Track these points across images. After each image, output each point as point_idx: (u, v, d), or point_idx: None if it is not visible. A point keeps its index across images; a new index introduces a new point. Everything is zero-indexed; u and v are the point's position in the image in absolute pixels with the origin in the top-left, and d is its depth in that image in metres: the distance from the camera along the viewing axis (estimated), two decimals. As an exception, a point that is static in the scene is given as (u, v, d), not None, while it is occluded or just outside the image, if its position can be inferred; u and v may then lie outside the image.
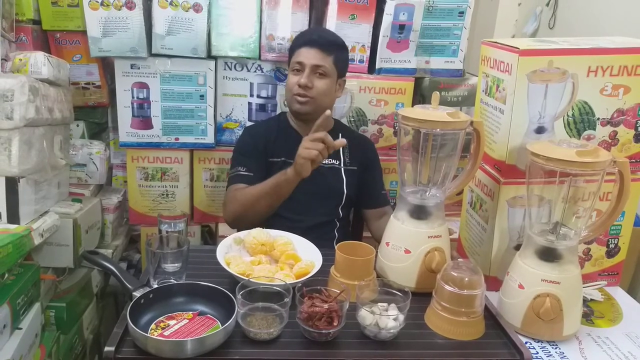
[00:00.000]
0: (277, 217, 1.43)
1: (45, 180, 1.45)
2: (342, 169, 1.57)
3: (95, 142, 1.81)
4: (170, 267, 1.11)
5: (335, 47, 1.53)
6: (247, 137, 1.61)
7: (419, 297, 1.08)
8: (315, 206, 1.52)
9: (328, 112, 1.33)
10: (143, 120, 1.75)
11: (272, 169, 1.53)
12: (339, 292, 1.01)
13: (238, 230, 1.34)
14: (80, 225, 1.55)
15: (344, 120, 1.78)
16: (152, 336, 0.90)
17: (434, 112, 1.12)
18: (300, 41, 1.54)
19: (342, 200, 1.57)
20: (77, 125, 1.87)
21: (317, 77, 1.50)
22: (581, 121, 1.19)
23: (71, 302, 1.54)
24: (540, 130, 1.18)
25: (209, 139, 1.78)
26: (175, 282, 1.10)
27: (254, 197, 1.41)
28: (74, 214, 1.54)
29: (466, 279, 1.03)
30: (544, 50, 1.14)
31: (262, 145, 1.54)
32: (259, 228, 1.25)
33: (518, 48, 1.13)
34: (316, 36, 1.52)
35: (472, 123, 1.14)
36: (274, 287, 1.02)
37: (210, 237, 2.03)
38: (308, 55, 1.49)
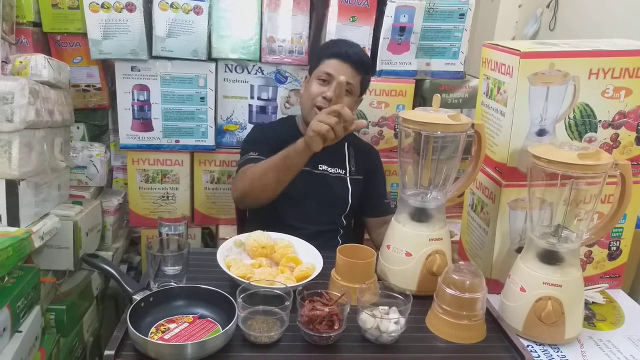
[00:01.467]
0: (281, 224, 1.42)
1: (46, 183, 1.45)
2: (348, 178, 1.57)
3: (96, 144, 1.81)
4: (170, 270, 1.10)
5: (366, 67, 1.51)
6: (258, 131, 1.59)
7: (420, 300, 1.07)
8: (319, 215, 1.51)
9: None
10: (143, 122, 1.75)
11: None
12: (340, 295, 1.01)
13: (244, 209, 1.27)
14: (80, 228, 1.55)
15: (345, 123, 1.78)
16: (153, 340, 0.89)
17: (435, 115, 1.12)
18: (332, 51, 1.49)
19: (346, 209, 1.56)
20: (78, 128, 1.87)
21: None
22: (582, 123, 1.19)
23: (71, 305, 1.54)
24: (541, 132, 1.17)
25: (210, 141, 1.78)
26: (176, 285, 1.09)
27: (263, 170, 1.35)
28: (74, 216, 1.53)
29: (467, 282, 1.03)
30: (545, 53, 1.14)
31: (274, 142, 1.51)
32: (259, 231, 1.25)
33: (519, 50, 1.13)
34: (351, 52, 1.47)
35: (473, 125, 1.14)
36: (275, 290, 1.02)
37: (211, 240, 2.03)
38: (339, 69, 1.44)
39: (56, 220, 1.45)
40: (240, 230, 1.60)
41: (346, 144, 1.59)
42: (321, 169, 1.54)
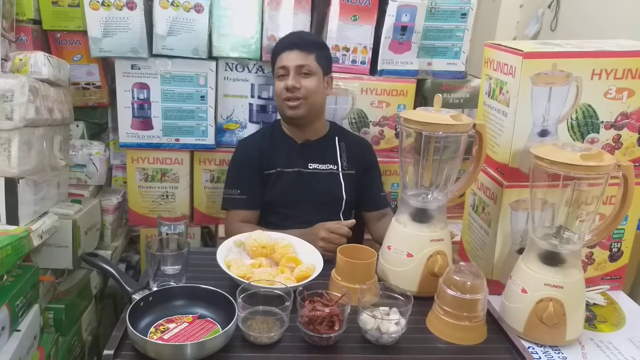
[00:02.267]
0: (279, 226, 1.42)
1: (45, 181, 1.44)
2: (340, 173, 1.56)
3: (95, 142, 1.80)
4: (170, 269, 1.10)
5: (314, 46, 1.53)
6: (241, 152, 1.60)
7: (421, 301, 1.07)
8: (315, 213, 1.51)
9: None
10: (143, 120, 1.74)
11: (268, 181, 1.53)
12: (340, 295, 1.01)
13: None
14: (79, 227, 1.54)
15: (345, 122, 1.78)
16: (152, 340, 0.89)
17: (436, 115, 1.12)
18: (280, 47, 1.54)
19: (342, 206, 1.56)
20: (77, 126, 1.86)
21: (302, 77, 1.49)
22: (585, 124, 1.18)
23: (70, 304, 1.53)
24: (543, 133, 1.17)
25: (210, 140, 1.78)
26: (175, 284, 1.09)
27: None
28: (74, 215, 1.53)
29: (468, 283, 1.02)
30: (548, 53, 1.13)
31: (257, 160, 1.54)
32: (259, 230, 1.25)
33: (522, 50, 1.12)
34: (295, 39, 1.53)
35: (474, 126, 1.14)
36: (275, 291, 1.02)
37: (210, 239, 2.03)
38: (290, 58, 1.49)
39: (55, 218, 1.44)
40: (240, 230, 1.60)
41: (336, 138, 1.59)
42: (312, 167, 1.54)
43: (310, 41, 1.54)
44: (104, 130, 1.97)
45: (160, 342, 0.90)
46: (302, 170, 1.53)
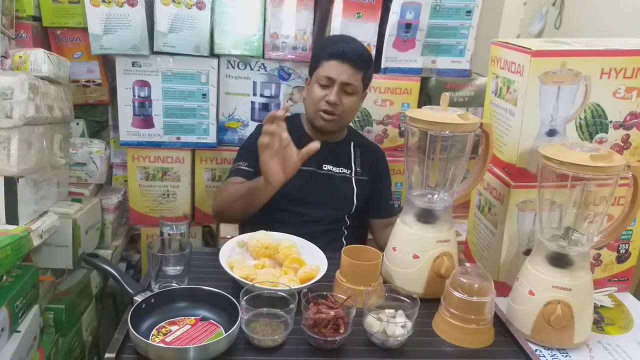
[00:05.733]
0: (283, 224, 1.40)
1: (45, 180, 1.42)
2: (354, 178, 1.54)
3: (96, 140, 1.78)
4: (172, 270, 1.08)
5: (365, 64, 1.46)
6: (259, 133, 1.57)
7: (426, 303, 1.05)
8: (324, 215, 1.48)
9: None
10: (144, 119, 1.72)
11: None
12: (345, 298, 0.99)
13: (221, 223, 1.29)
14: (79, 226, 1.52)
15: (348, 120, 1.75)
16: (154, 343, 0.87)
17: (443, 114, 1.10)
18: (330, 52, 1.43)
19: (351, 210, 1.53)
20: (77, 124, 1.84)
21: (345, 95, 1.43)
22: (593, 124, 1.16)
23: (70, 304, 1.51)
24: (551, 133, 1.15)
25: (211, 138, 1.76)
26: (177, 286, 1.07)
27: (232, 197, 1.39)
28: (74, 214, 1.51)
29: (476, 285, 1.00)
30: (557, 52, 1.11)
31: None
32: (262, 231, 1.23)
33: (530, 49, 1.10)
34: (349, 50, 1.42)
35: (481, 125, 1.12)
36: (279, 293, 1.00)
37: (212, 238, 2.01)
38: (339, 71, 1.41)
39: (55, 218, 1.42)
40: (242, 230, 1.58)
41: (352, 143, 1.56)
42: (326, 169, 1.51)
43: (364, 57, 1.46)
44: (104, 128, 1.95)
45: (162, 345, 0.89)
46: (316, 170, 1.50)
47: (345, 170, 1.53)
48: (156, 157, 1.78)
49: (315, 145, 1.25)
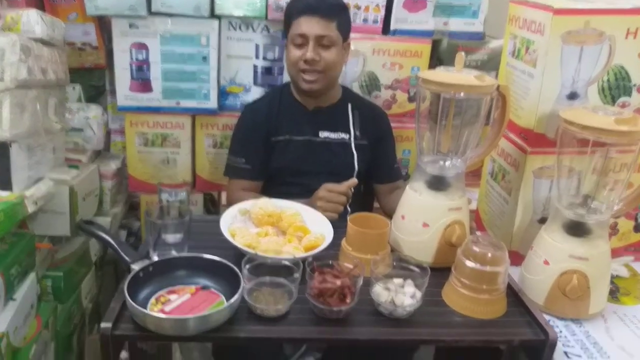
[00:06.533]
0: (286, 195, 1.34)
1: (39, 145, 1.37)
2: (353, 143, 1.48)
3: (93, 105, 1.71)
4: (171, 238, 1.04)
5: (336, 11, 1.40)
6: (247, 118, 1.52)
7: (436, 273, 1.00)
8: (325, 181, 1.43)
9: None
10: (142, 83, 1.66)
11: (276, 149, 1.45)
12: (351, 267, 0.95)
13: None
14: (77, 193, 1.48)
15: (355, 85, 1.69)
16: (152, 313, 0.83)
17: (458, 75, 1.03)
18: (298, 8, 1.39)
19: (353, 175, 1.48)
20: (74, 88, 1.78)
21: (322, 49, 1.37)
22: (616, 87, 1.10)
23: (68, 271, 1.48)
24: (572, 96, 1.09)
25: (212, 103, 1.69)
26: (177, 254, 1.03)
27: None
28: (70, 180, 1.46)
29: (489, 254, 0.96)
30: (580, 10, 1.04)
31: (264, 126, 1.45)
32: (265, 198, 1.18)
33: (552, 7, 1.03)
34: (314, 1, 1.37)
35: (498, 87, 1.05)
36: (283, 261, 0.96)
37: (213, 206, 1.96)
38: (310, 25, 1.36)
39: (51, 184, 1.38)
40: (245, 198, 1.53)
41: (349, 105, 1.50)
42: (323, 136, 1.46)
43: (332, 5, 1.40)
44: (102, 93, 1.88)
45: (161, 315, 0.85)
46: (312, 139, 1.44)
47: (343, 136, 1.47)
48: (155, 123, 1.72)
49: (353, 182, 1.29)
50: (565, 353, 0.94)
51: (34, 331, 1.24)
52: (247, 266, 0.93)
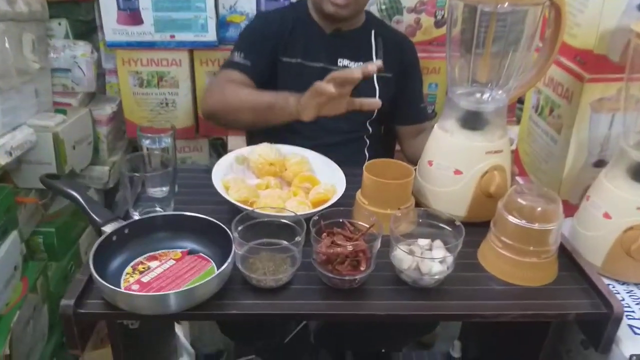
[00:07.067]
0: (292, 134, 1.15)
1: (13, 88, 1.21)
2: (375, 75, 1.26)
3: (80, 42, 1.53)
4: (157, 192, 0.88)
5: None
6: (259, 22, 1.30)
7: (470, 228, 0.81)
8: (340, 122, 1.22)
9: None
10: (131, 14, 1.46)
11: (285, 73, 1.24)
12: (367, 226, 0.77)
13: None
14: (63, 140, 1.33)
15: (374, 9, 1.46)
16: (122, 290, 0.67)
17: (500, -19, 0.81)
18: None
19: (372, 115, 1.28)
20: (59, 24, 1.58)
21: None
22: None
23: (62, 227, 1.37)
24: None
25: (211, 36, 1.49)
26: (162, 211, 0.87)
27: (241, 103, 1.12)
28: (54, 127, 1.31)
29: (539, 208, 0.77)
30: None
31: (275, 38, 1.22)
32: (266, 143, 1.00)
33: None
34: None
35: (551, -3, 0.83)
36: (283, 220, 0.79)
37: (224, 151, 1.80)
38: None
39: (30, 132, 1.23)
40: (249, 142, 1.36)
41: (373, 32, 1.27)
42: (341, 64, 1.24)
43: None
44: (93, 29, 1.69)
45: (133, 293, 0.70)
46: (328, 67, 1.23)
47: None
48: (149, 60, 1.53)
49: (376, 103, 0.98)
50: (630, 327, 0.77)
51: (19, 296, 1.13)
52: (240, 227, 0.77)
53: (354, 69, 0.95)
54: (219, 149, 1.79)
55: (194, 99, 1.62)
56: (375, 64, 0.91)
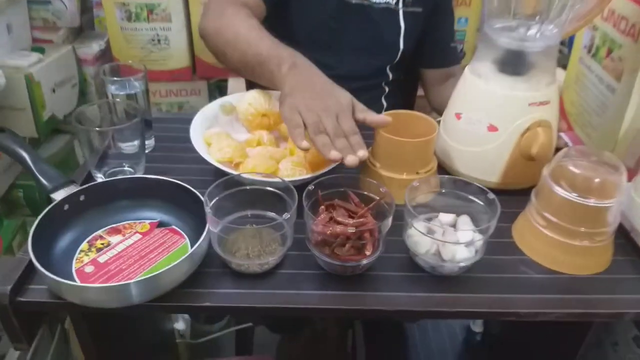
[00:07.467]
0: None
1: (-26, 21, 1.05)
2: (401, 11, 1.05)
3: (59, -31, 1.35)
4: (126, 147, 0.73)
5: None
6: None
7: (504, 197, 0.64)
8: (355, 65, 1.03)
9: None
10: None
11: (293, 7, 1.02)
12: (377, 199, 0.62)
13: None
14: (39, 82, 1.18)
15: None
16: (64, 280, 0.53)
17: None
18: None
19: (395, 58, 1.08)
20: (37, -52, 1.40)
21: None
22: None
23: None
24: None
25: (205, -41, 1.29)
26: (132, 171, 0.73)
27: (234, 38, 0.88)
28: (27, 68, 1.16)
29: (597, 179, 0.60)
30: None
31: None
32: (257, 89, 0.83)
33: None
34: None
35: None
36: (269, 187, 0.64)
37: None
38: None
39: (-1, 73, 1.08)
40: (250, 86, 1.18)
41: None
42: None
43: None
44: (77, -46, 1.50)
45: (77, 284, 0.56)
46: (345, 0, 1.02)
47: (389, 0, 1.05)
48: (137, -10, 1.35)
49: (385, 121, 0.71)
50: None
51: (-10, 258, 1.02)
52: (218, 197, 0.62)
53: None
54: (216, 94, 1.62)
55: (189, 36, 1.43)
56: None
